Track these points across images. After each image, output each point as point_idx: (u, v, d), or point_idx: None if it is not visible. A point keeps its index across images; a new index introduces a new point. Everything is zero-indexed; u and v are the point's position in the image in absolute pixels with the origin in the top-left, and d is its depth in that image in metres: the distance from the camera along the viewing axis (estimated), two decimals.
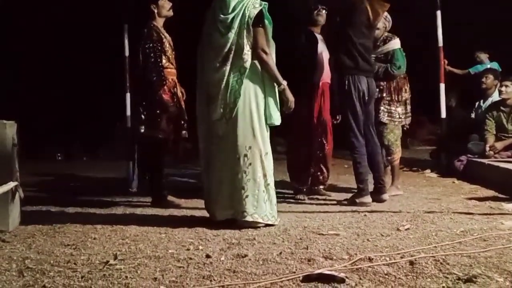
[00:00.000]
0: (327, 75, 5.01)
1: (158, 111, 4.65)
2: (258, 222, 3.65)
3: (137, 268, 2.72)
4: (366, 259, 2.78)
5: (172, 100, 4.70)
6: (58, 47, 10.36)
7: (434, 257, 2.78)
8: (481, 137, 6.40)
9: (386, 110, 5.18)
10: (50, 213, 4.45)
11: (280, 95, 3.83)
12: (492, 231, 3.38)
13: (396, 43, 5.22)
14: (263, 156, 3.68)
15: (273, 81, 3.77)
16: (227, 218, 3.73)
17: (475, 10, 9.02)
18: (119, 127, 7.33)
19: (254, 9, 3.67)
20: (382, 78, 5.13)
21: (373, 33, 4.87)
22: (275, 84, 3.78)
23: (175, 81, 4.79)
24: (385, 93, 5.15)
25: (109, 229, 3.68)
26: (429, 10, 6.51)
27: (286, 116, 3.97)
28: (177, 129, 4.78)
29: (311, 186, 5.09)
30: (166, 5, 4.77)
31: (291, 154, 5.08)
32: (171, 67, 4.75)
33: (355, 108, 4.61)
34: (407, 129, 5.54)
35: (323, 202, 4.85)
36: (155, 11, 4.73)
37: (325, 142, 5.07)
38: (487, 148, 6.15)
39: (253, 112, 3.68)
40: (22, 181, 3.92)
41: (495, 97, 6.82)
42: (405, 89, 5.28)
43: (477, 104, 7.17)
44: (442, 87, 6.52)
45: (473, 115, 7.20)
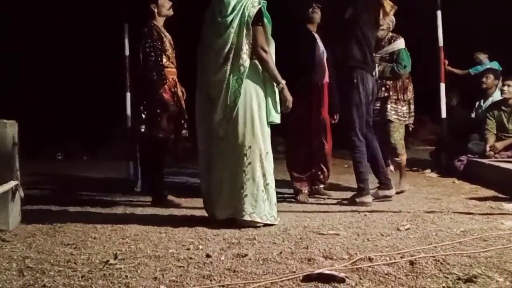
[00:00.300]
0: (325, 74, 5.00)
1: (158, 110, 4.65)
2: (256, 221, 3.65)
3: (137, 267, 2.72)
4: (366, 259, 2.77)
5: (172, 99, 4.70)
6: (58, 47, 10.36)
7: (434, 257, 2.78)
8: (481, 137, 6.40)
9: (393, 108, 5.21)
10: (50, 212, 4.45)
11: (279, 94, 3.84)
12: (492, 231, 3.38)
13: (401, 43, 5.26)
14: (263, 155, 3.68)
15: (272, 80, 3.77)
16: (227, 217, 3.73)
17: (475, 10, 9.03)
18: (119, 126, 7.33)
19: (253, 8, 3.67)
20: (388, 77, 5.16)
21: (376, 33, 4.88)
22: (274, 83, 3.79)
23: (175, 80, 4.80)
24: (391, 92, 5.19)
25: (109, 228, 3.68)
26: (430, 10, 6.50)
27: (285, 115, 3.97)
28: (178, 128, 4.78)
29: (311, 185, 5.09)
30: (166, 4, 4.77)
31: (291, 154, 5.08)
32: (171, 66, 4.76)
33: (361, 106, 4.59)
34: (411, 129, 5.57)
35: (323, 201, 4.85)
36: (155, 10, 4.73)
37: (324, 141, 5.06)
38: (488, 148, 6.16)
39: (254, 111, 3.68)
40: (22, 181, 3.92)
41: (495, 97, 6.82)
42: (410, 88, 5.32)
43: (477, 104, 7.17)
44: (442, 87, 6.52)
45: (473, 115, 7.21)
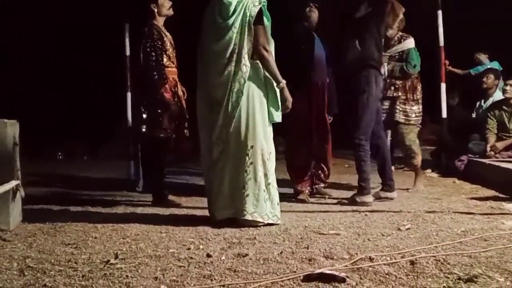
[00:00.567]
0: (324, 74, 4.99)
1: (159, 110, 4.65)
2: (258, 221, 3.65)
3: (137, 267, 2.72)
4: (366, 259, 2.77)
5: (173, 99, 4.70)
6: (58, 47, 10.35)
7: (435, 256, 2.78)
8: (482, 136, 6.40)
9: (401, 109, 5.22)
10: (51, 212, 4.45)
11: (280, 93, 3.84)
12: (493, 231, 3.38)
13: (411, 43, 5.27)
14: (265, 155, 3.68)
15: (273, 79, 3.78)
16: (228, 217, 3.73)
17: (475, 10, 9.02)
18: (120, 126, 7.34)
19: (254, 7, 3.68)
20: (397, 76, 5.16)
21: (385, 32, 4.90)
22: (274, 82, 3.79)
23: (176, 80, 4.80)
24: (400, 92, 5.18)
25: (110, 228, 3.68)
26: (430, 10, 6.50)
27: (285, 115, 3.97)
28: (178, 128, 4.78)
29: (312, 185, 5.08)
30: (166, 4, 4.77)
31: (291, 153, 5.08)
32: (172, 66, 4.76)
33: (371, 105, 4.56)
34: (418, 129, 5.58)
35: (323, 201, 4.85)
36: (155, 10, 4.73)
37: (325, 141, 5.06)
38: (488, 148, 6.15)
39: (256, 111, 3.68)
40: (23, 180, 3.92)
41: (496, 96, 6.82)
42: (419, 88, 5.33)
43: (478, 104, 7.16)
44: (443, 87, 6.51)
45: (474, 115, 7.20)
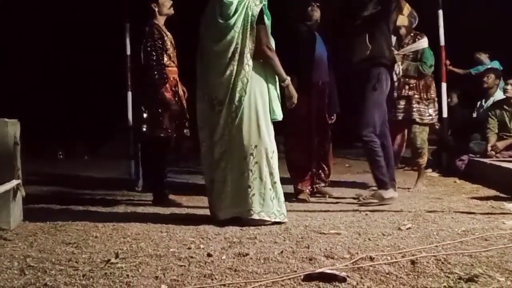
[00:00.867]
0: (325, 73, 4.99)
1: (159, 109, 4.66)
2: (265, 220, 3.65)
3: (138, 266, 2.72)
4: (367, 258, 2.77)
5: (173, 98, 4.71)
6: (59, 46, 10.36)
7: (435, 256, 2.78)
8: (482, 136, 6.39)
9: (416, 108, 5.21)
10: (51, 211, 4.46)
11: (282, 91, 3.85)
12: (493, 230, 3.37)
13: (425, 42, 5.29)
14: (269, 154, 3.68)
15: (278, 77, 3.79)
16: (231, 217, 3.73)
17: (475, 9, 9.01)
18: (121, 126, 7.34)
19: (256, 6, 3.68)
20: (411, 76, 5.16)
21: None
22: (277, 80, 3.80)
23: (176, 80, 4.80)
24: (415, 91, 5.18)
25: (111, 227, 3.68)
26: (431, 9, 6.49)
27: (286, 115, 3.97)
28: (179, 127, 4.78)
29: (312, 185, 5.08)
30: (166, 3, 4.77)
31: (291, 153, 5.07)
32: (172, 65, 4.76)
33: (382, 103, 4.55)
34: (437, 127, 5.57)
35: (324, 201, 4.85)
36: (156, 9, 4.74)
37: (325, 141, 5.06)
38: (489, 147, 6.15)
39: (259, 110, 3.68)
40: (23, 180, 3.92)
41: (497, 96, 6.82)
42: (432, 87, 5.33)
43: (478, 103, 7.16)
44: (443, 87, 6.51)
45: (474, 115, 7.20)
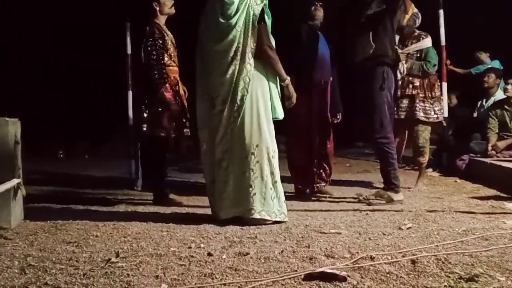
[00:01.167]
0: (328, 73, 4.99)
1: (160, 109, 4.65)
2: (266, 219, 3.65)
3: (138, 266, 2.72)
4: (367, 258, 2.77)
5: (174, 98, 4.70)
6: (60, 46, 10.37)
7: (436, 256, 2.78)
8: (483, 136, 6.39)
9: (421, 107, 5.21)
10: (52, 210, 4.46)
11: (282, 90, 3.85)
12: (494, 230, 3.37)
13: (429, 41, 5.31)
14: (270, 153, 3.69)
15: (278, 76, 3.79)
16: (233, 216, 3.73)
17: (476, 9, 9.01)
18: (121, 125, 7.35)
19: (257, 6, 3.68)
20: (415, 75, 5.17)
21: None
22: (278, 79, 3.81)
23: (177, 79, 4.80)
24: (419, 90, 5.19)
25: (111, 226, 3.68)
26: (432, 9, 6.49)
27: (287, 114, 3.97)
28: (179, 127, 4.78)
29: (313, 184, 5.07)
30: (168, 3, 4.77)
31: (292, 152, 5.07)
32: (173, 65, 4.76)
33: (388, 101, 4.53)
34: (445, 124, 5.59)
35: (324, 200, 4.85)
36: (157, 8, 4.74)
37: (326, 140, 5.06)
38: (490, 147, 6.15)
39: (260, 109, 3.68)
40: (24, 179, 3.92)
41: (497, 96, 6.82)
42: (436, 85, 5.35)
43: (479, 103, 7.16)
44: (444, 86, 6.51)
45: (475, 114, 7.20)
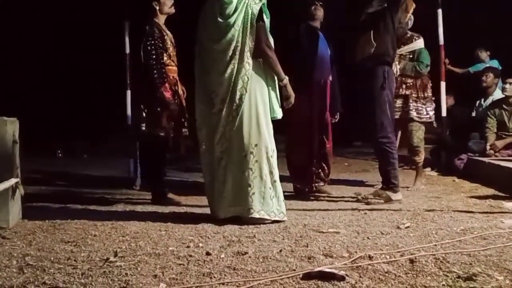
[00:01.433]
0: (327, 72, 4.99)
1: (159, 108, 4.65)
2: (265, 219, 3.66)
3: (137, 265, 2.72)
4: (366, 257, 2.77)
5: (173, 97, 4.70)
6: (59, 45, 10.37)
7: (434, 255, 2.78)
8: (481, 135, 6.40)
9: (414, 107, 5.25)
10: (50, 210, 4.46)
11: (281, 90, 3.85)
12: (492, 229, 3.38)
13: (422, 42, 5.37)
14: (269, 153, 3.69)
15: (276, 76, 3.79)
16: (231, 215, 3.73)
17: (475, 8, 9.01)
18: (120, 124, 7.35)
19: (256, 5, 3.68)
20: (408, 75, 5.19)
21: None
22: (276, 79, 3.80)
23: (176, 79, 4.79)
24: (412, 90, 5.22)
25: (109, 226, 3.68)
26: (430, 9, 6.49)
27: (287, 114, 3.97)
28: (178, 126, 4.78)
29: (311, 183, 5.07)
30: (168, 2, 4.76)
31: (291, 152, 5.07)
32: (172, 64, 4.75)
33: (389, 100, 4.54)
34: (436, 125, 5.63)
35: (323, 199, 4.85)
36: (157, 8, 4.73)
37: (326, 139, 5.06)
38: (488, 146, 6.16)
39: (259, 109, 3.69)
40: (22, 178, 3.92)
41: (495, 95, 6.83)
42: (429, 86, 5.39)
43: (477, 102, 7.17)
44: (442, 86, 6.51)
45: (473, 114, 7.20)
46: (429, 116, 5.37)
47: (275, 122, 3.83)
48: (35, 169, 6.80)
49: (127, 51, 6.17)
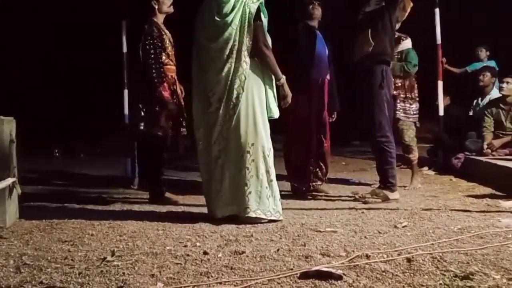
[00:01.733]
0: (325, 71, 4.99)
1: (157, 108, 4.65)
2: (261, 218, 3.66)
3: (134, 264, 2.72)
4: (363, 256, 2.78)
5: (171, 97, 4.70)
6: (57, 45, 10.36)
7: (431, 254, 2.79)
8: (478, 134, 6.40)
9: (401, 107, 5.30)
10: (47, 209, 4.45)
11: (278, 89, 3.85)
12: (489, 228, 3.38)
13: (409, 43, 5.42)
14: (266, 152, 3.69)
15: (273, 75, 3.79)
16: (229, 214, 3.73)
17: (473, 8, 9.03)
18: (117, 124, 7.34)
19: (253, 4, 3.68)
20: (397, 75, 5.22)
21: None
22: (273, 78, 3.81)
23: (174, 78, 4.79)
24: (400, 90, 5.26)
25: (107, 225, 3.67)
26: (428, 8, 6.50)
27: (284, 113, 3.97)
28: (176, 126, 4.78)
29: (309, 183, 5.07)
30: (167, 1, 4.76)
31: (289, 151, 5.07)
32: (170, 64, 4.75)
33: (387, 99, 4.54)
34: (418, 125, 5.65)
35: (321, 199, 4.85)
36: (156, 7, 4.73)
37: (323, 139, 5.06)
38: (485, 145, 6.16)
39: (256, 108, 3.68)
40: (19, 178, 3.91)
41: (492, 94, 6.83)
42: (416, 86, 5.43)
43: (475, 102, 7.17)
44: (440, 85, 6.52)
45: (471, 113, 7.21)
46: (415, 115, 5.43)
47: (272, 121, 3.84)
48: (32, 169, 6.80)
49: (125, 50, 6.16)
